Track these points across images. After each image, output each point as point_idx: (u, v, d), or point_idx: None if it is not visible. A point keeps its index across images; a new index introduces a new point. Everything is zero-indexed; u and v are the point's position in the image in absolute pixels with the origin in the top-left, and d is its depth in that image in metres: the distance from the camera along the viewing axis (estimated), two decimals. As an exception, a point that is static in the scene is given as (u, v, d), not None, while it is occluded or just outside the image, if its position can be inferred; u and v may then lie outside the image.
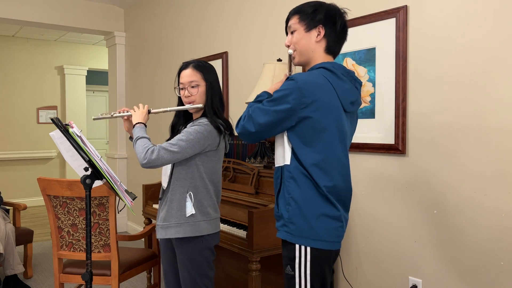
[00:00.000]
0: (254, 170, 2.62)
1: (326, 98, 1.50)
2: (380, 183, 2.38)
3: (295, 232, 1.52)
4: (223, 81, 3.54)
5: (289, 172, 1.54)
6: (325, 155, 1.52)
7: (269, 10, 3.08)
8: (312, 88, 1.48)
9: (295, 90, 1.47)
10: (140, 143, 1.86)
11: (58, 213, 2.46)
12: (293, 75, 1.52)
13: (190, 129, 1.90)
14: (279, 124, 1.50)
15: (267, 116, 1.49)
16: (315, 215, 1.51)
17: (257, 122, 1.51)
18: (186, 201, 1.94)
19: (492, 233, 1.93)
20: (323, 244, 1.52)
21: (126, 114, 2.03)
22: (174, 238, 1.97)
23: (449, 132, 2.06)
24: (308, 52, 1.61)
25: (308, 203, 1.51)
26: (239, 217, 2.53)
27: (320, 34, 1.59)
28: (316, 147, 1.51)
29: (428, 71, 2.14)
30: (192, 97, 1.98)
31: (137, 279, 3.64)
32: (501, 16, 1.87)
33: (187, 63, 2.03)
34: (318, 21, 1.58)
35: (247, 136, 1.56)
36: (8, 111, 6.79)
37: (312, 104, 1.47)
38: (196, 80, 1.98)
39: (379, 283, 2.41)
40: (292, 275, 1.53)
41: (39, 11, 4.74)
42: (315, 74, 1.52)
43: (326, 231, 1.52)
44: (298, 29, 1.60)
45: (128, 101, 5.30)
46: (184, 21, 4.14)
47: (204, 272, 1.98)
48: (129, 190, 2.44)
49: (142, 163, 1.83)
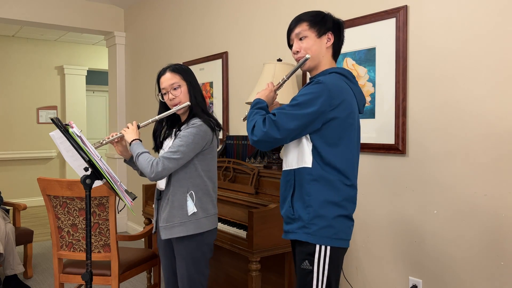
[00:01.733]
0: (254, 170, 2.62)
1: (350, 100, 1.57)
2: (380, 183, 2.38)
3: (317, 232, 1.56)
4: (223, 81, 3.54)
5: (310, 174, 1.57)
6: (348, 155, 1.58)
7: (269, 10, 3.08)
8: (340, 89, 1.54)
9: (325, 92, 1.51)
10: (143, 159, 1.91)
11: (58, 213, 2.46)
12: (320, 78, 1.55)
13: (186, 132, 1.93)
14: (307, 127, 1.53)
15: (297, 120, 1.51)
16: (335, 215, 1.56)
17: (285, 127, 1.51)
18: (187, 200, 1.98)
19: (492, 233, 1.93)
20: (342, 242, 1.58)
21: (116, 136, 2.05)
22: (175, 237, 2.00)
23: (449, 132, 2.06)
24: (319, 57, 1.66)
25: (330, 204, 1.56)
26: (239, 217, 2.53)
27: (330, 40, 1.66)
28: (341, 146, 1.56)
29: (428, 71, 2.14)
30: (176, 98, 2.02)
31: (137, 279, 3.64)
32: (501, 16, 1.87)
33: (164, 69, 2.07)
34: (328, 28, 1.65)
35: (270, 143, 1.55)
36: (8, 111, 6.79)
37: (340, 105, 1.53)
38: (177, 81, 2.02)
39: (379, 283, 2.41)
40: (310, 270, 1.57)
41: (39, 11, 4.74)
42: (337, 78, 1.58)
43: (344, 230, 1.58)
44: (309, 35, 1.65)
45: (128, 101, 5.30)
46: (184, 21, 4.14)
47: (201, 268, 2.03)
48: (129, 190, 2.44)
49: (151, 177, 1.88)
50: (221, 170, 2.85)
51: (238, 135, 3.07)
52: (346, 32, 2.49)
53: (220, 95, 3.59)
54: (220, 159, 2.88)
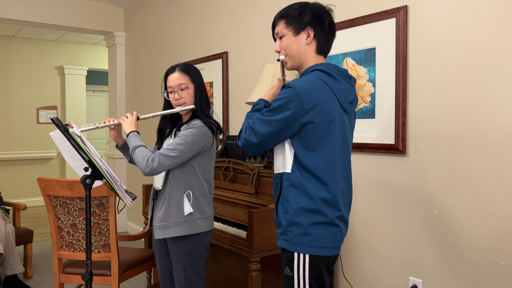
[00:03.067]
0: (254, 170, 2.62)
1: (326, 102, 1.49)
2: (380, 183, 2.38)
3: (293, 240, 1.52)
4: (223, 81, 3.54)
5: (289, 180, 1.53)
6: (327, 159, 1.51)
7: (269, 10, 3.08)
8: (310, 93, 1.46)
9: (294, 97, 1.45)
10: (139, 152, 1.89)
11: (58, 213, 2.46)
12: (290, 82, 1.50)
13: (186, 132, 1.93)
14: (282, 132, 1.49)
15: (269, 126, 1.48)
16: (311, 222, 1.50)
17: (259, 132, 1.50)
18: (183, 201, 1.97)
19: (492, 233, 1.93)
20: (321, 250, 1.51)
21: (113, 123, 2.04)
22: (170, 237, 2.00)
23: (449, 132, 2.06)
24: (299, 55, 1.59)
25: (304, 211, 1.50)
26: (239, 217, 2.52)
27: (310, 36, 1.56)
28: (318, 151, 1.50)
29: (428, 71, 2.14)
30: (182, 99, 2.01)
31: (137, 279, 3.64)
32: (501, 16, 1.87)
33: (174, 67, 2.06)
34: (305, 23, 1.55)
35: (251, 147, 1.55)
36: (8, 111, 6.79)
37: (312, 109, 1.46)
38: (185, 82, 2.01)
39: (379, 283, 2.41)
40: (291, 276, 1.54)
41: (39, 11, 4.74)
42: (312, 79, 1.50)
43: (324, 237, 1.51)
44: (286, 34, 1.58)
45: (128, 101, 5.30)
46: (184, 21, 4.14)
47: (198, 269, 2.03)
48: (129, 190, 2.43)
49: (145, 172, 1.87)
50: (221, 170, 2.85)
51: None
52: (346, 32, 2.49)
53: (220, 95, 3.59)
54: (220, 159, 2.88)
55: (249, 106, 3.21)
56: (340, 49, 2.53)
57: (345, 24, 2.49)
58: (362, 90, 2.42)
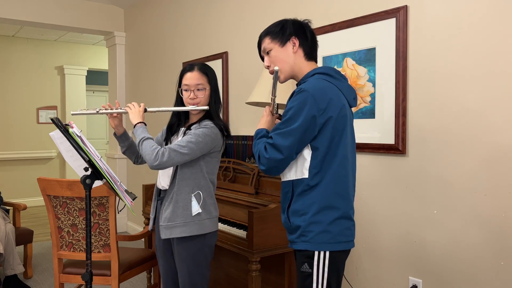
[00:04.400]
0: (254, 170, 2.62)
1: (337, 98, 1.55)
2: (380, 183, 2.38)
3: (314, 239, 1.54)
4: (223, 81, 3.54)
5: (307, 185, 1.55)
6: (343, 154, 1.56)
7: (269, 10, 3.08)
8: (323, 92, 1.51)
9: (309, 99, 1.49)
10: (147, 145, 1.86)
11: (58, 213, 2.46)
12: (301, 86, 1.53)
13: (198, 131, 1.91)
14: (304, 138, 1.51)
15: (291, 136, 1.50)
16: (332, 219, 1.54)
17: (284, 146, 1.50)
18: (191, 201, 1.96)
19: (492, 233, 1.93)
20: (340, 245, 1.56)
21: (117, 111, 1.98)
22: (175, 237, 1.98)
23: (449, 132, 2.06)
24: (290, 64, 1.65)
25: (324, 209, 1.54)
26: (239, 217, 2.53)
27: (296, 45, 1.64)
28: (337, 147, 1.54)
29: (428, 71, 2.14)
30: (197, 99, 1.99)
31: (137, 279, 3.64)
32: (501, 16, 1.87)
33: (192, 65, 2.03)
34: (289, 34, 1.64)
35: (278, 166, 1.54)
36: (8, 111, 6.79)
37: (328, 107, 1.51)
38: (203, 83, 2.00)
39: (379, 283, 2.41)
40: (309, 273, 1.56)
41: (39, 11, 4.74)
42: (318, 80, 1.55)
43: (342, 232, 1.56)
44: (272, 47, 1.65)
45: (128, 101, 5.30)
46: (184, 21, 4.14)
47: (202, 270, 2.01)
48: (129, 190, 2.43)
49: (153, 165, 1.84)
50: (221, 170, 2.85)
51: (238, 135, 3.07)
52: (346, 32, 2.49)
53: (220, 95, 3.58)
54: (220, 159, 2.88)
55: (249, 106, 3.21)
56: (340, 49, 2.53)
57: (345, 24, 2.49)
58: (362, 90, 2.42)
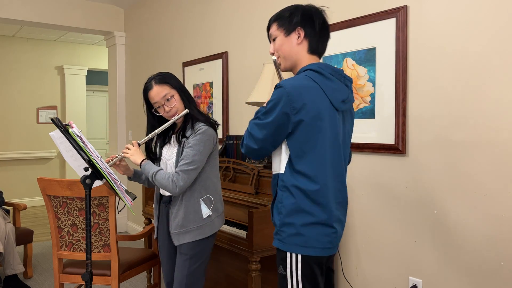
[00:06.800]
0: (254, 170, 2.62)
1: (315, 100, 1.50)
2: (380, 183, 2.38)
3: (286, 240, 1.54)
4: (223, 81, 3.54)
5: (282, 181, 1.55)
6: (318, 159, 1.51)
7: (269, 10, 3.08)
8: (300, 92, 1.48)
9: (284, 96, 1.47)
10: (161, 177, 1.92)
11: (58, 213, 2.46)
12: (281, 82, 1.52)
13: (195, 140, 1.95)
14: (278, 134, 1.51)
15: (264, 129, 1.51)
16: (305, 223, 1.51)
17: (257, 137, 1.52)
18: (200, 204, 2.01)
19: (492, 233, 1.93)
20: (312, 250, 1.52)
21: (116, 159, 2.01)
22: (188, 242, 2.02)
23: (449, 132, 2.06)
24: (291, 55, 1.61)
25: (297, 212, 1.52)
26: (239, 217, 2.53)
27: (300, 36, 1.59)
28: (309, 151, 1.51)
29: (428, 71, 2.14)
30: (173, 109, 2.01)
31: (137, 279, 3.64)
32: (501, 16, 1.87)
33: (148, 83, 2.02)
34: (295, 24, 1.59)
35: (252, 153, 1.58)
36: (8, 111, 6.79)
37: (303, 108, 1.48)
38: (167, 92, 2.00)
39: (379, 283, 2.41)
40: (284, 275, 1.56)
41: (39, 11, 4.74)
42: (302, 78, 1.53)
43: (316, 238, 1.52)
44: (278, 35, 1.62)
45: (128, 101, 5.30)
46: (184, 21, 4.14)
47: (202, 270, 2.05)
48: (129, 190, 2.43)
49: (175, 193, 1.92)
50: (221, 170, 2.85)
51: (238, 135, 3.07)
52: (346, 32, 2.49)
53: (220, 95, 3.59)
54: (220, 159, 2.88)
55: (249, 106, 3.21)
56: (340, 49, 2.53)
57: (345, 24, 2.49)
58: (362, 90, 2.42)
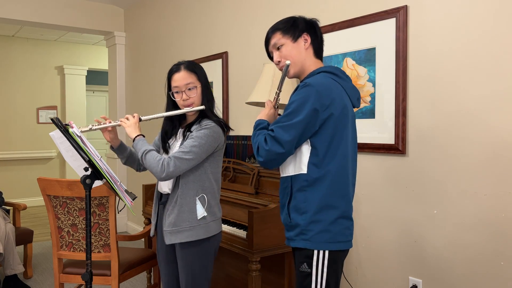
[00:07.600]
0: (254, 170, 2.62)
1: (340, 97, 1.55)
2: (380, 183, 2.38)
3: (314, 238, 1.54)
4: (223, 81, 3.54)
5: (306, 180, 1.55)
6: (344, 154, 1.56)
7: (269, 10, 3.08)
8: (328, 88, 1.52)
9: (313, 93, 1.49)
10: (151, 157, 1.82)
11: (58, 213, 2.46)
12: (306, 81, 1.54)
13: (200, 133, 1.85)
14: (305, 132, 1.51)
15: (293, 130, 1.49)
16: (332, 219, 1.54)
17: (285, 140, 1.49)
18: (196, 204, 1.90)
19: (492, 233, 1.93)
20: (340, 245, 1.56)
21: (111, 124, 1.91)
22: (180, 242, 1.92)
23: (449, 132, 2.06)
24: (300, 60, 1.64)
25: (325, 208, 1.54)
26: (239, 217, 2.52)
27: (307, 41, 1.64)
28: (337, 146, 1.54)
29: (428, 71, 2.14)
30: (190, 99, 1.91)
31: (137, 279, 3.64)
32: (501, 16, 1.87)
33: (178, 65, 1.96)
34: (301, 30, 1.63)
35: (276, 158, 1.52)
36: (8, 111, 6.79)
37: (332, 104, 1.51)
38: (192, 81, 1.92)
39: (379, 283, 2.41)
40: (308, 273, 1.56)
41: (39, 11, 4.74)
42: (323, 77, 1.56)
43: (341, 232, 1.56)
44: (284, 42, 1.63)
45: (128, 101, 5.30)
46: (184, 21, 4.14)
47: (206, 274, 1.96)
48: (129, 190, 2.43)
49: (161, 177, 1.80)
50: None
51: (238, 135, 3.07)
52: (346, 32, 2.49)
53: (220, 95, 3.59)
54: (220, 159, 2.88)
55: (249, 106, 3.21)
56: (340, 49, 2.53)
57: (345, 24, 2.49)
58: (362, 90, 2.42)
